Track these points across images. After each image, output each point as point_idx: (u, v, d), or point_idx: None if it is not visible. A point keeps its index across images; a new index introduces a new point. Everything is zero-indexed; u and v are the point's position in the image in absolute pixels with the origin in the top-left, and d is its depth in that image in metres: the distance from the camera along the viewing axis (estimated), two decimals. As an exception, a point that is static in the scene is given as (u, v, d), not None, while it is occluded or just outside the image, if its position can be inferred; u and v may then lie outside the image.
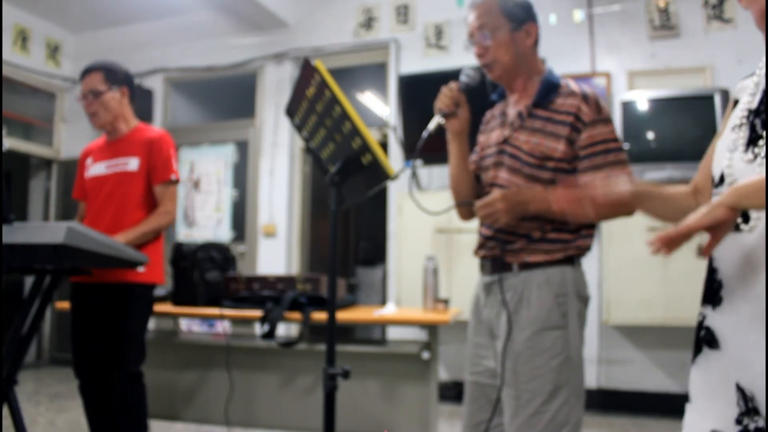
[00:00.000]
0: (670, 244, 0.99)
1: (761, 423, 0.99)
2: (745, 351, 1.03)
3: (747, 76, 1.17)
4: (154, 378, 2.95)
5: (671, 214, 1.26)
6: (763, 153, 1.03)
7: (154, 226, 2.45)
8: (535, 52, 1.72)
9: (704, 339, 1.12)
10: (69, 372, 5.23)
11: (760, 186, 0.95)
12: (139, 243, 2.39)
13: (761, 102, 1.07)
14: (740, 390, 1.03)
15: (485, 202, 1.59)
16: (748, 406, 1.02)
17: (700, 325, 1.14)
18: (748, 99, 1.11)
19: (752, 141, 1.06)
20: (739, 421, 1.03)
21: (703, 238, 0.98)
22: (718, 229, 0.98)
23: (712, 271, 1.13)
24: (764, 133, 1.04)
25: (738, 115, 1.12)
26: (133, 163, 2.51)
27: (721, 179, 1.11)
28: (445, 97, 1.71)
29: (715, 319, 1.11)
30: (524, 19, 1.67)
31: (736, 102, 1.18)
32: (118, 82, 2.55)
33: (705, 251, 1.02)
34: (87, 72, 2.55)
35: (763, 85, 1.09)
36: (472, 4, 1.71)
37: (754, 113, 1.08)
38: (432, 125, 1.70)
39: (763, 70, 1.11)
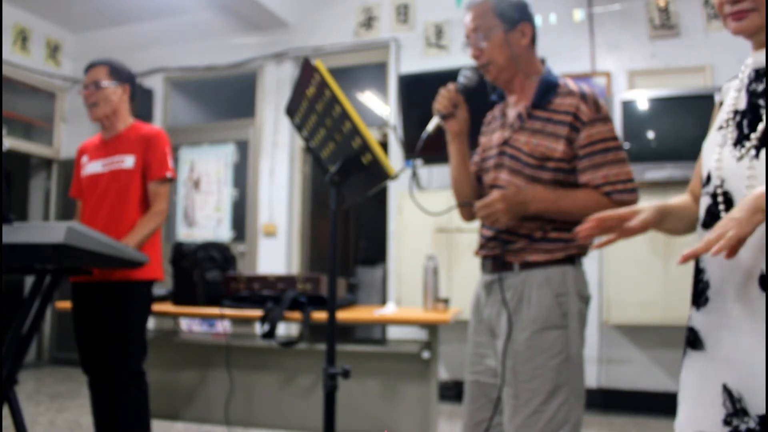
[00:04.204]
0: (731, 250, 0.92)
1: (752, 424, 0.99)
2: (734, 351, 1.03)
3: (732, 78, 1.18)
4: (155, 378, 2.96)
5: (683, 227, 1.26)
6: (751, 152, 1.03)
7: (151, 228, 2.47)
8: (531, 52, 1.72)
9: (688, 340, 1.12)
10: (69, 372, 5.27)
11: None
12: (140, 246, 2.41)
13: (747, 102, 1.08)
14: (727, 391, 1.03)
15: (484, 202, 1.59)
16: (735, 407, 1.01)
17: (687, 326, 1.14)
18: (733, 96, 1.11)
19: (740, 140, 1.06)
20: (727, 422, 1.02)
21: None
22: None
23: (699, 272, 1.12)
24: (755, 131, 1.04)
25: (723, 115, 1.12)
26: (129, 161, 2.52)
27: (708, 178, 1.11)
28: (442, 98, 1.71)
29: (699, 320, 1.10)
30: (518, 20, 1.67)
31: (721, 104, 1.18)
32: (121, 79, 2.60)
33: (687, 257, 0.96)
34: (92, 65, 2.59)
35: (746, 85, 1.10)
36: (468, 6, 1.71)
37: (741, 113, 1.08)
38: (430, 127, 1.70)
39: (746, 71, 1.11)
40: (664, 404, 4.03)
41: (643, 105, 4.08)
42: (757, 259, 1.00)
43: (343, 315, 2.57)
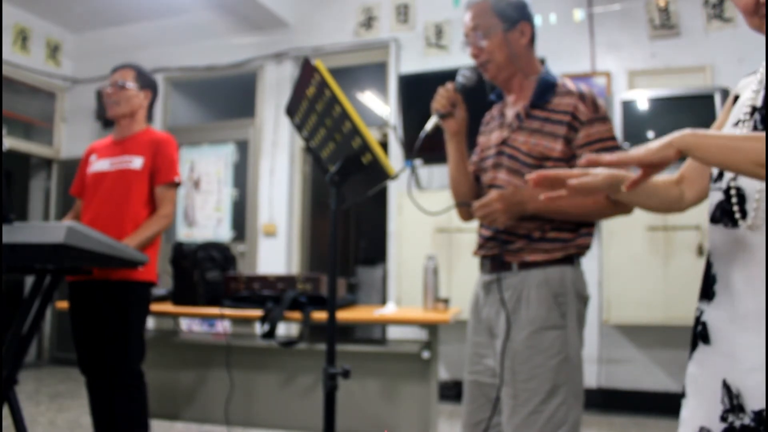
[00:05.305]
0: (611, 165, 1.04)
1: (747, 420, 0.99)
2: (734, 348, 1.03)
3: (750, 74, 1.17)
4: (155, 378, 2.95)
5: (655, 205, 1.27)
6: None
7: (155, 230, 2.48)
8: (530, 52, 1.72)
9: (700, 334, 1.13)
10: (69, 371, 5.27)
11: (719, 143, 0.96)
12: (142, 248, 2.41)
13: (765, 99, 1.07)
14: (726, 386, 1.03)
15: (482, 202, 1.59)
16: (733, 403, 1.01)
17: (698, 320, 1.14)
18: (751, 95, 1.11)
19: None
20: (723, 418, 1.02)
21: (705, 239, 0.98)
22: (655, 168, 1.01)
23: (708, 266, 1.13)
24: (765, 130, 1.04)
25: (740, 111, 1.12)
26: (137, 162, 2.54)
27: (720, 174, 1.11)
28: (441, 97, 1.71)
29: (709, 314, 1.11)
30: (518, 19, 1.68)
31: (736, 98, 1.17)
32: (146, 85, 2.67)
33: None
34: (120, 67, 2.66)
35: (765, 83, 1.09)
36: (467, 5, 1.71)
37: (758, 110, 1.08)
38: (429, 126, 1.70)
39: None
40: (664, 404, 4.03)
41: (643, 105, 4.08)
42: (764, 256, 1.01)
43: (343, 315, 2.57)
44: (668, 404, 3.98)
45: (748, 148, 0.94)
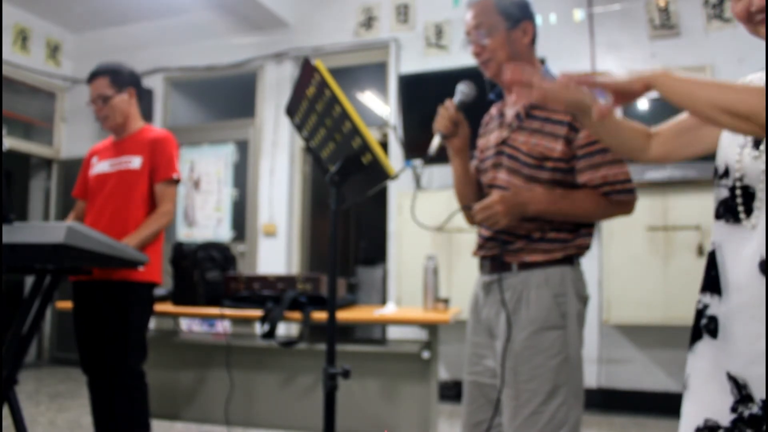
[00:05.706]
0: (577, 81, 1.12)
1: (755, 409, 1.01)
2: (738, 339, 1.05)
3: (756, 72, 1.18)
4: (155, 378, 2.95)
5: (615, 145, 1.32)
6: None
7: (155, 228, 2.47)
8: (532, 51, 1.72)
9: (706, 327, 1.13)
10: (69, 371, 5.27)
11: (685, 84, 0.99)
12: (143, 246, 2.41)
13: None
14: (732, 379, 1.05)
15: (483, 204, 1.59)
16: (742, 394, 1.03)
17: (701, 313, 1.15)
18: None
19: (759, 141, 1.08)
20: (734, 409, 1.04)
21: (705, 239, 1.00)
22: (623, 98, 1.06)
23: (712, 260, 1.15)
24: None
25: None
26: (136, 162, 2.53)
27: (726, 172, 1.12)
28: (442, 118, 1.69)
29: (718, 309, 1.12)
30: (520, 18, 1.67)
31: None
32: (124, 84, 2.61)
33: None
34: (93, 77, 2.59)
35: None
36: (469, 3, 1.71)
37: None
38: (433, 147, 1.67)
39: None
40: (664, 404, 4.03)
41: (643, 105, 4.09)
42: (762, 247, 1.03)
43: (343, 315, 2.57)
44: (668, 404, 3.98)
45: (711, 92, 0.97)
